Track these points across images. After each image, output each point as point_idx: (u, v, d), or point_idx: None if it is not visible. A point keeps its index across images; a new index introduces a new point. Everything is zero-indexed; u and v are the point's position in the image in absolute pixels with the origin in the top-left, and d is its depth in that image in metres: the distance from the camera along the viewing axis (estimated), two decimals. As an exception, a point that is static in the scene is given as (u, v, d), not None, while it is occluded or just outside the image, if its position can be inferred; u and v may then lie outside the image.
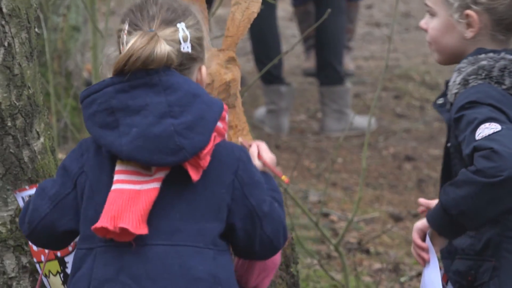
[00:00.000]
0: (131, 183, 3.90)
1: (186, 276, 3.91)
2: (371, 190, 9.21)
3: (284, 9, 12.09)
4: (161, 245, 3.91)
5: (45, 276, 4.29)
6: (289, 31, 12.38)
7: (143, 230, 3.82)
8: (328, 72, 10.56)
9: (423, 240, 4.56)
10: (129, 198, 3.86)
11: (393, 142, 10.63)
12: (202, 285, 3.92)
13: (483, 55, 4.61)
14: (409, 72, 12.65)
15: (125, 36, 3.96)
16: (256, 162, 4.22)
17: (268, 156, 4.26)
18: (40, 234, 4.05)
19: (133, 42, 3.87)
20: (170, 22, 3.99)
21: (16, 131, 4.59)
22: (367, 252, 7.94)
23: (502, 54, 4.59)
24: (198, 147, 3.84)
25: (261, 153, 4.26)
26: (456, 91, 4.61)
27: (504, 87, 4.48)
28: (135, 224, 3.81)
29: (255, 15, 5.25)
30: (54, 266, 4.22)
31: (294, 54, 11.83)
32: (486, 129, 4.37)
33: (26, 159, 4.63)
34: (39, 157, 4.68)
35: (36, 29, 4.78)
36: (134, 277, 3.91)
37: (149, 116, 3.84)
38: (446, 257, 4.80)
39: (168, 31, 3.95)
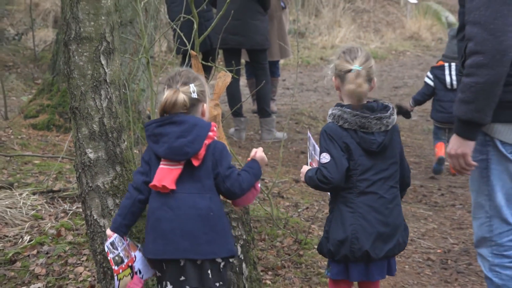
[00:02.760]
0: (168, 165, 4.08)
1: (195, 207, 4.05)
2: (284, 167, 9.14)
3: (243, 80, 12.04)
4: (184, 193, 4.06)
5: (119, 280, 4.27)
6: (245, 91, 12.31)
7: (173, 187, 4.02)
8: (263, 111, 10.48)
9: None
10: (166, 171, 4.06)
11: (294, 144, 10.55)
12: (203, 212, 4.06)
13: (335, 107, 4.60)
14: (303, 111, 12.57)
15: (165, 91, 4.18)
16: (252, 155, 4.48)
17: (259, 152, 4.48)
18: (145, 191, 4.23)
19: (166, 94, 4.14)
20: (185, 83, 4.14)
21: (113, 139, 4.54)
22: (282, 197, 7.90)
23: (343, 108, 4.55)
24: (196, 151, 4.07)
25: (257, 152, 4.47)
26: None
27: (339, 124, 4.49)
28: (169, 183, 4.01)
29: (228, 83, 5.21)
30: (128, 271, 4.25)
31: (247, 102, 11.75)
32: (324, 158, 4.56)
33: (118, 152, 4.57)
34: (124, 151, 4.63)
35: (123, 90, 4.75)
36: (170, 207, 4.06)
37: (171, 138, 4.06)
38: None
39: (184, 88, 4.13)
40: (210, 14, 10.37)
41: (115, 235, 4.25)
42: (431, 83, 9.93)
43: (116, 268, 4.24)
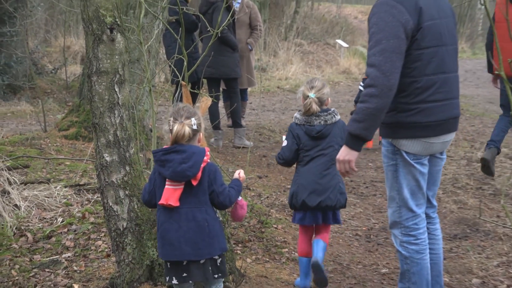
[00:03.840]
0: (172, 185, 3.92)
1: (194, 220, 3.93)
2: (251, 167, 9.09)
3: (221, 103, 11.95)
4: (185, 208, 3.93)
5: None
6: (222, 111, 12.23)
7: (177, 204, 3.91)
8: (236, 123, 10.42)
9: None
10: (171, 191, 3.92)
11: (258, 150, 10.46)
12: (200, 223, 3.94)
13: (297, 112, 5.30)
14: (264, 126, 12.52)
15: (171, 123, 3.98)
16: (236, 175, 4.36)
17: (242, 174, 4.39)
18: (146, 204, 4.21)
19: (176, 127, 3.95)
20: (188, 117, 3.96)
21: (124, 146, 4.50)
22: (249, 189, 7.85)
23: (299, 113, 5.26)
24: (195, 174, 3.89)
25: (240, 173, 4.37)
26: None
27: (295, 122, 5.17)
28: (174, 202, 3.90)
29: (209, 105, 5.18)
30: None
31: (224, 119, 11.70)
32: (284, 143, 5.31)
33: (127, 156, 4.53)
34: (132, 156, 4.58)
35: (131, 110, 4.71)
36: (175, 220, 3.94)
37: (175, 163, 3.88)
38: None
39: (187, 121, 3.94)
40: (197, 55, 10.34)
41: None
42: (363, 89, 10.27)
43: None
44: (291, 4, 26.04)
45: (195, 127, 4.02)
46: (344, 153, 4.23)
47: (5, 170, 6.89)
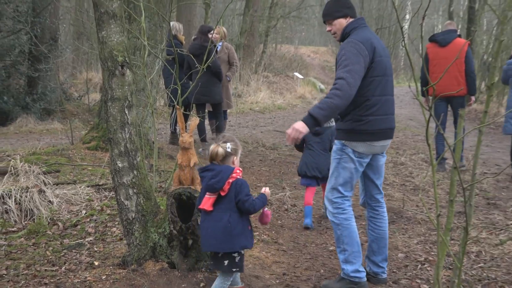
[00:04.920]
0: (209, 195, 3.88)
1: (220, 221, 3.84)
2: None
3: (207, 121, 11.88)
4: (216, 212, 3.85)
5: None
6: (208, 127, 12.15)
7: (210, 209, 3.88)
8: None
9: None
10: (207, 199, 3.88)
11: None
12: (224, 224, 3.84)
13: None
14: (240, 139, 12.48)
15: (211, 145, 4.01)
16: (263, 191, 4.10)
17: (267, 190, 4.11)
18: (197, 208, 4.08)
19: (211, 147, 3.97)
20: (225, 142, 3.96)
21: (132, 155, 4.46)
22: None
23: None
24: (221, 187, 3.83)
25: (266, 189, 4.11)
26: None
27: None
28: (208, 207, 3.86)
29: (197, 123, 5.16)
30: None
31: (209, 134, 11.64)
32: None
33: (135, 163, 4.49)
34: (139, 162, 4.55)
35: (138, 127, 4.67)
36: (208, 220, 3.88)
37: (207, 179, 3.87)
38: None
39: (223, 144, 3.94)
40: (188, 85, 10.29)
41: None
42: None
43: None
44: (259, 46, 26.14)
45: (229, 150, 3.99)
46: (300, 126, 4.23)
47: (42, 174, 6.83)
